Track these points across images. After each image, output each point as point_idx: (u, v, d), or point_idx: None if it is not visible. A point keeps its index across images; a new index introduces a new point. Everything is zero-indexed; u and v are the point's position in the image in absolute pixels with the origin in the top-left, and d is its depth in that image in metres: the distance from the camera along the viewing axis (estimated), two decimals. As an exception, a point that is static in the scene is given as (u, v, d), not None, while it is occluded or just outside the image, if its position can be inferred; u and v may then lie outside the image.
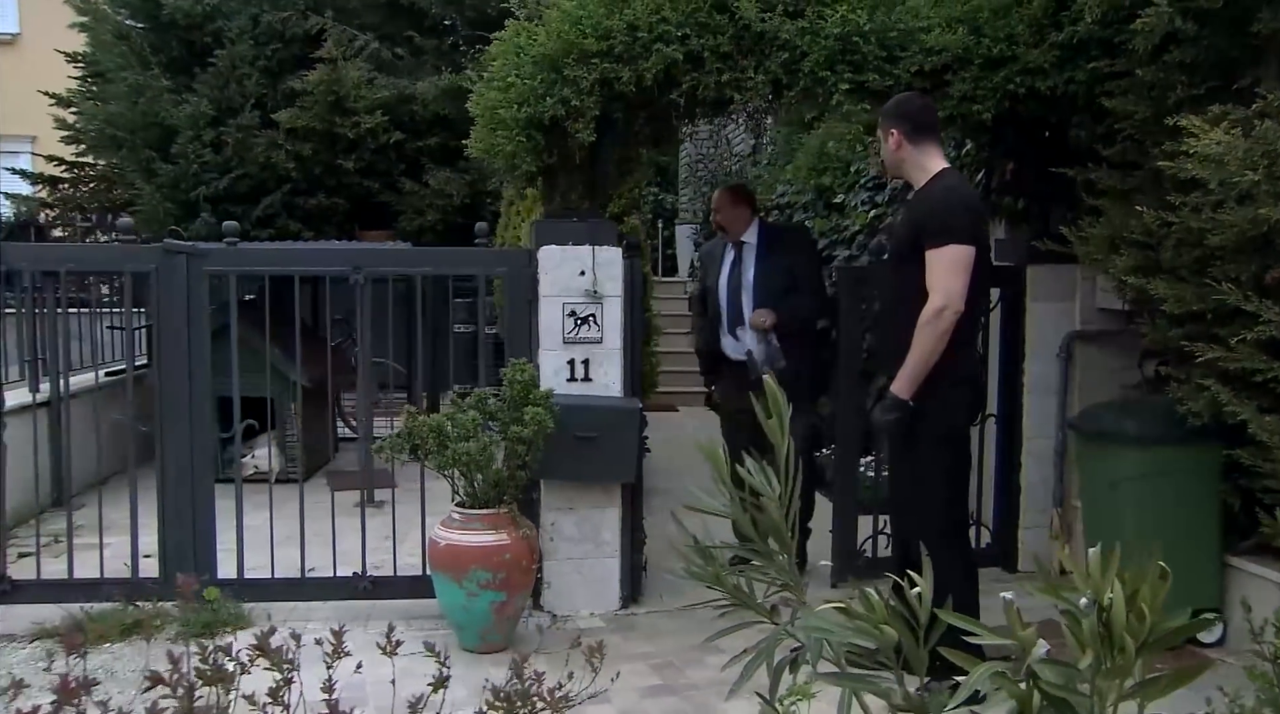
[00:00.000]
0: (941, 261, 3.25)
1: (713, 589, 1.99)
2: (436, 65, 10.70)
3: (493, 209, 10.28)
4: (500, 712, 1.97)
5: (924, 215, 3.36)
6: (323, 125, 10.03)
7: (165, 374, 4.15)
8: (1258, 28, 3.39)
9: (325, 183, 10.27)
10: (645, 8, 3.92)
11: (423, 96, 9.97)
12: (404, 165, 10.30)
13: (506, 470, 3.88)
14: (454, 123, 10.24)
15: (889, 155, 3.52)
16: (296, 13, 10.31)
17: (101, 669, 3.79)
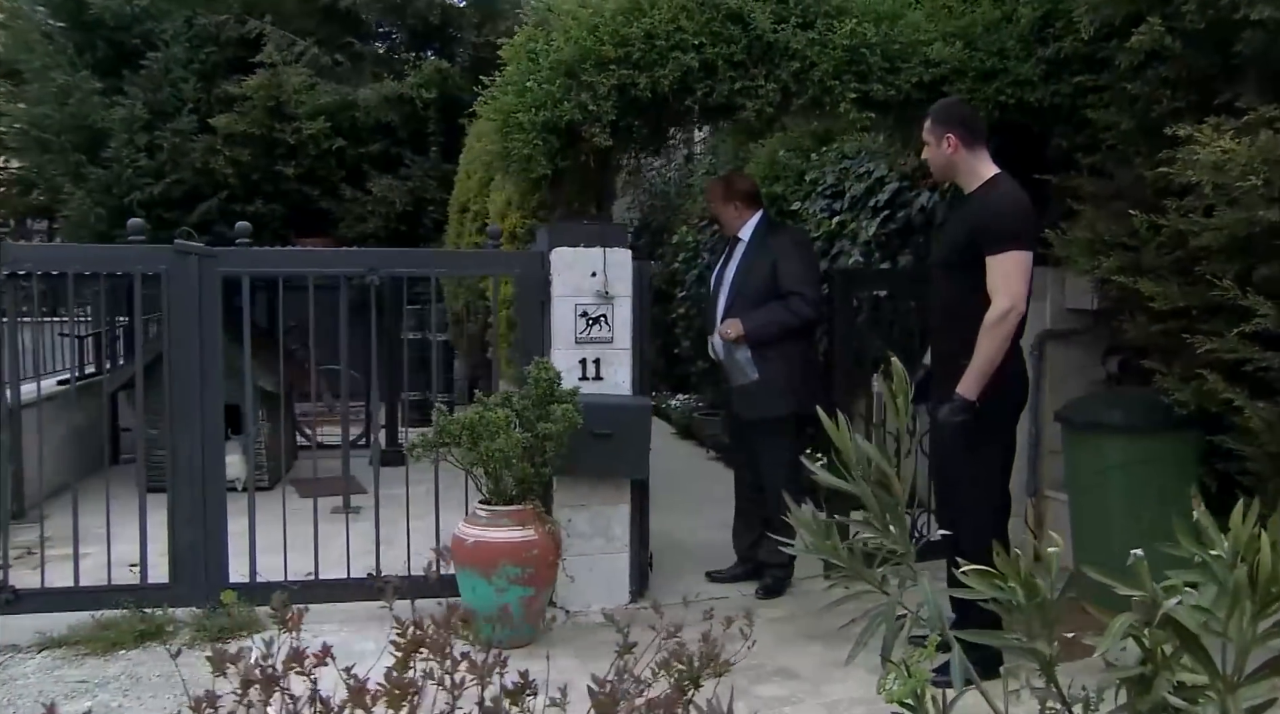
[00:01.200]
0: (1004, 266, 3.41)
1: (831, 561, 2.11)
2: (376, 72, 10.64)
3: (434, 216, 10.29)
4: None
5: (985, 221, 3.49)
6: (262, 131, 9.89)
7: (176, 377, 4.11)
8: (1240, 47, 3.68)
9: (264, 189, 10.12)
10: (663, 17, 4.05)
11: (365, 103, 9.90)
12: (345, 172, 10.21)
13: (532, 467, 3.95)
14: (396, 129, 10.24)
15: (942, 158, 3.62)
16: (233, 16, 10.13)
17: (125, 676, 3.74)
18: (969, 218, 3.59)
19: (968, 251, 3.52)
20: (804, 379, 4.56)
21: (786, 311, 4.49)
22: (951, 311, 3.62)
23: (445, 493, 4.44)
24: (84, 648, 3.96)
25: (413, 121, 10.19)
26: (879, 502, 2.11)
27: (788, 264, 4.51)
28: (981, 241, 3.46)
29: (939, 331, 3.72)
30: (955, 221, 3.76)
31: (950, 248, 3.68)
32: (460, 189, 8.69)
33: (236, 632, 4.09)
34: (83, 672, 3.79)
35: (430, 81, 10.00)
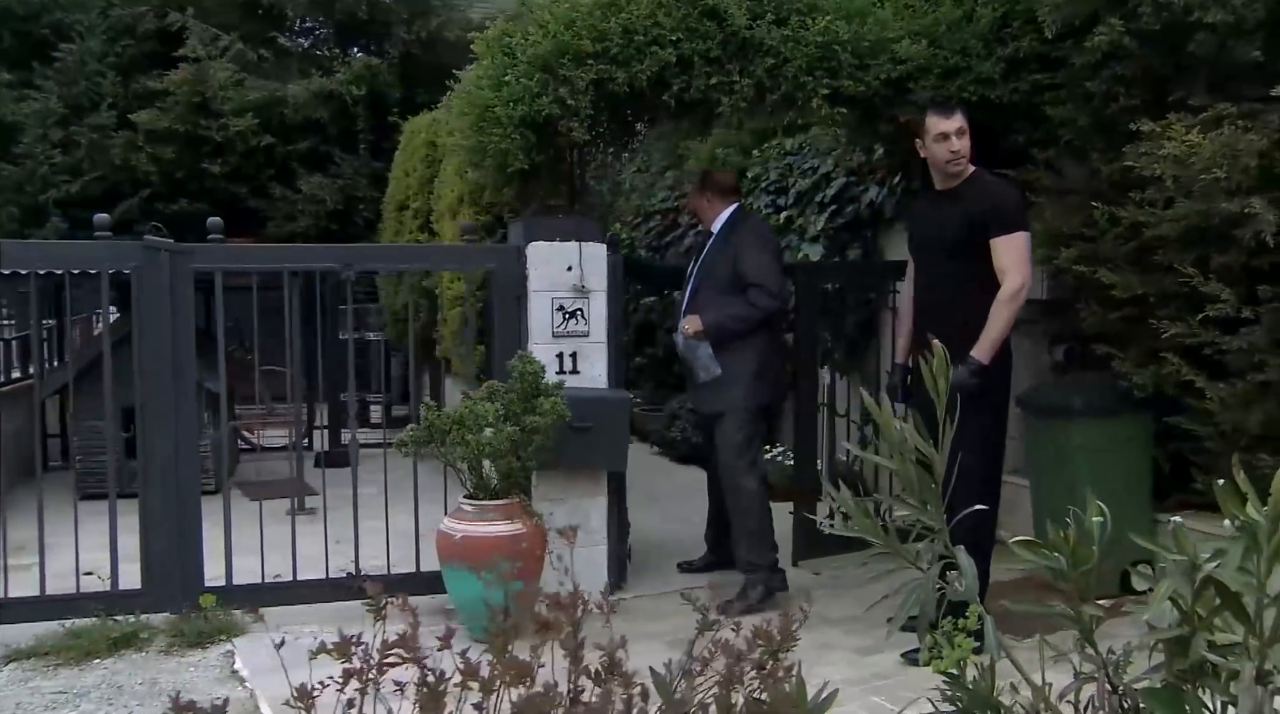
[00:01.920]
0: (1015, 247, 3.67)
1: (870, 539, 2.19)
2: (303, 69, 10.44)
3: (365, 214, 10.14)
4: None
5: (991, 207, 3.72)
6: (186, 127, 9.62)
7: (148, 377, 4.00)
8: (1192, 48, 3.89)
9: (188, 187, 9.84)
10: (641, 12, 4.09)
11: (294, 100, 9.70)
12: (273, 170, 9.99)
13: (518, 461, 3.95)
14: (325, 127, 10.06)
15: (969, 147, 3.81)
16: (152, 9, 9.83)
17: (105, 684, 3.64)
18: (968, 206, 3.76)
19: (970, 238, 3.72)
20: (762, 372, 4.46)
21: (745, 305, 4.41)
22: (951, 296, 3.80)
23: (395, 490, 4.42)
24: (55, 658, 3.83)
25: (342, 119, 10.02)
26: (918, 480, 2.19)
27: (748, 256, 4.44)
28: (989, 226, 3.68)
29: (935, 315, 3.79)
30: (947, 211, 3.86)
31: (949, 235, 3.82)
32: (397, 187, 8.59)
33: (215, 635, 4.01)
34: (58, 682, 3.67)
35: (360, 78, 9.85)
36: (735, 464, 4.44)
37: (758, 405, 4.45)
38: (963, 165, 3.80)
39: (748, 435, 4.43)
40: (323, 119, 9.90)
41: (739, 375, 4.40)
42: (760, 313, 4.42)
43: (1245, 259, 3.73)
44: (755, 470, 4.48)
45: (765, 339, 4.49)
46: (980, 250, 3.73)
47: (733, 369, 4.40)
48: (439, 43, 10.23)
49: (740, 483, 4.42)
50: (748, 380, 4.40)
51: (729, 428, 4.45)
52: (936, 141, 3.77)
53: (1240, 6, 3.71)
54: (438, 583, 4.38)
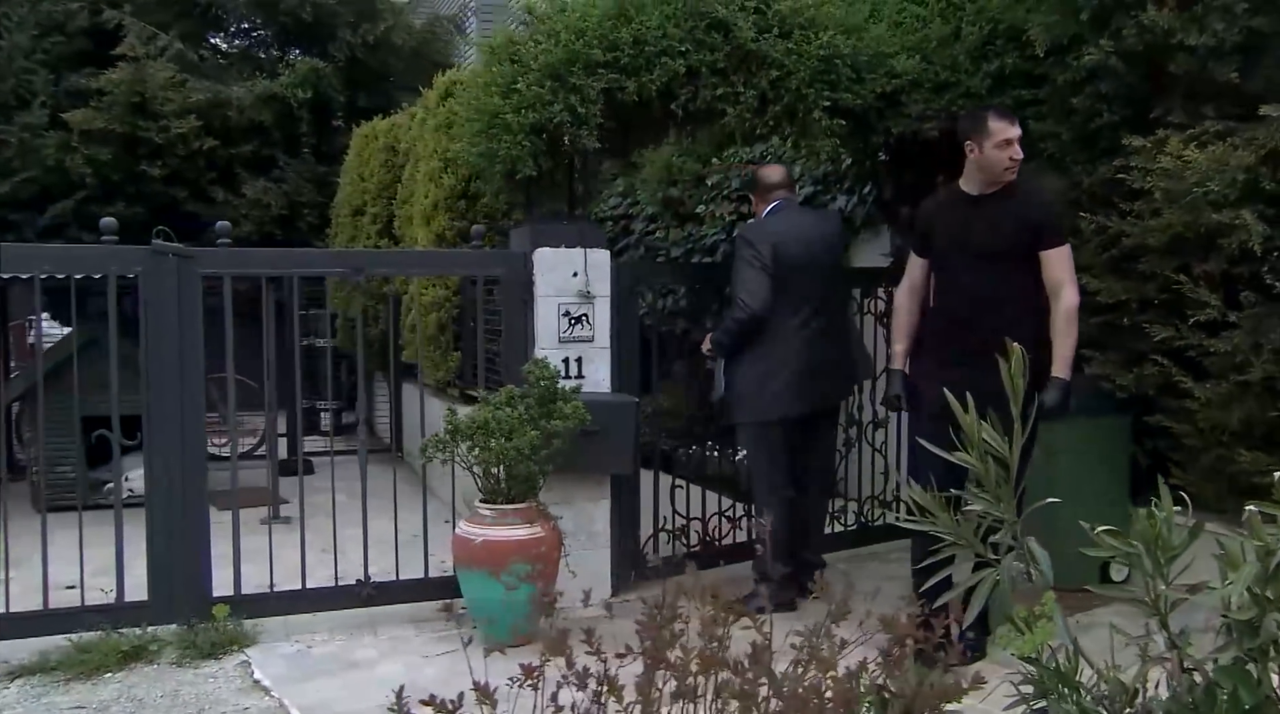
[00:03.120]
0: (1066, 257, 3.70)
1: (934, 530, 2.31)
2: (243, 71, 10.24)
3: (309, 219, 9.98)
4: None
5: (1044, 215, 3.73)
6: (124, 128, 9.32)
7: (154, 384, 3.92)
8: (1173, 68, 4.13)
9: (125, 190, 9.54)
10: (651, 23, 4.17)
11: (239, 102, 9.50)
12: (215, 174, 9.75)
13: (536, 465, 3.98)
14: (269, 130, 9.87)
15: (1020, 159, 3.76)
16: (85, 4, 9.52)
17: (125, 698, 3.57)
18: (1020, 211, 3.73)
19: (1023, 244, 3.69)
20: (762, 384, 4.36)
21: (726, 319, 4.42)
22: (998, 301, 3.70)
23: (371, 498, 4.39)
24: (63, 673, 3.73)
25: (286, 122, 9.84)
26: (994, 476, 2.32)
27: (734, 265, 4.41)
28: (1044, 234, 3.68)
29: (979, 321, 3.71)
30: (995, 215, 3.77)
31: (996, 240, 3.75)
32: (352, 191, 8.50)
33: (227, 646, 3.96)
34: (73, 698, 3.57)
35: (305, 81, 9.69)
36: (753, 476, 4.51)
37: (761, 421, 4.37)
38: (1015, 174, 3.77)
39: (759, 450, 4.42)
40: (266, 122, 9.71)
41: (739, 390, 4.41)
42: (732, 324, 4.35)
43: (1226, 267, 3.98)
44: (769, 485, 4.43)
45: (769, 347, 4.33)
46: (1025, 256, 3.71)
47: (734, 385, 4.41)
48: (385, 47, 10.14)
49: (756, 495, 4.49)
50: (749, 395, 4.38)
51: (742, 442, 4.56)
52: (998, 148, 3.69)
53: (1219, 30, 3.95)
54: (445, 589, 4.38)
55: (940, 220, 3.98)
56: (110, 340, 3.92)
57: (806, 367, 4.36)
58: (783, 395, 4.36)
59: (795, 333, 4.35)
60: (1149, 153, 3.94)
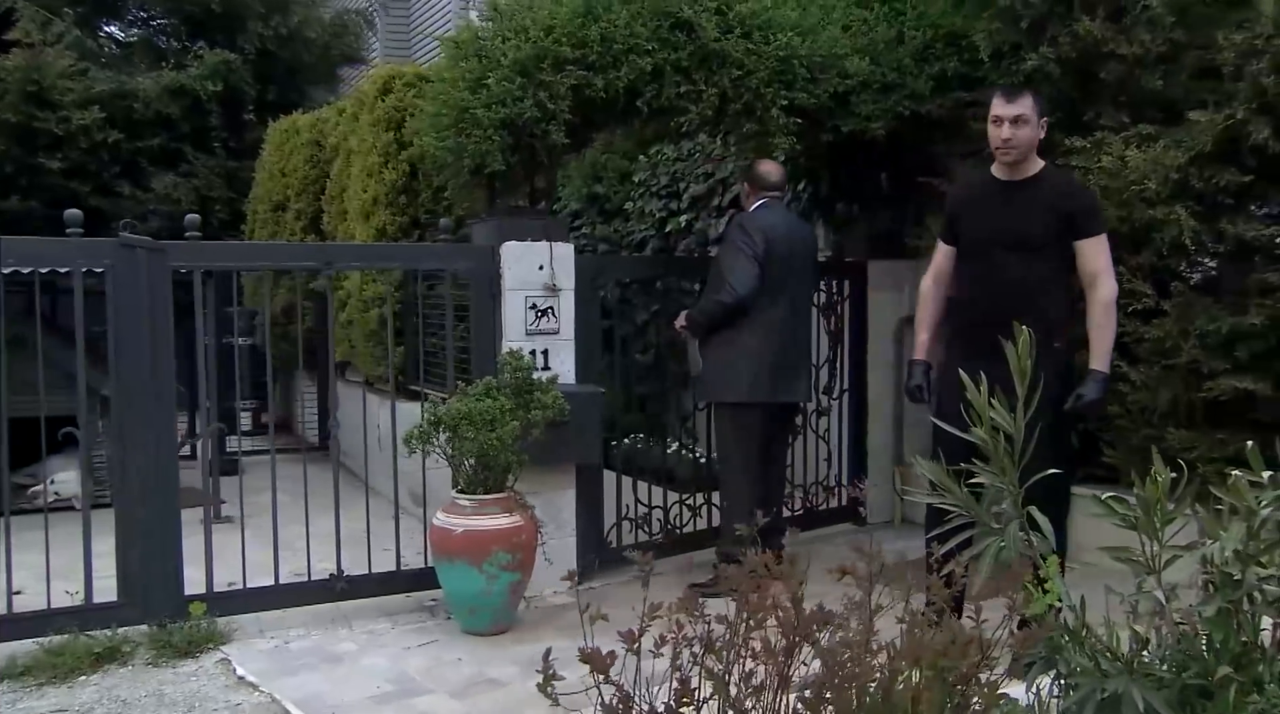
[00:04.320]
0: (1104, 248, 3.59)
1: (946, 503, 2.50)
2: (145, 61, 9.91)
3: (220, 216, 9.73)
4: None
5: (1082, 204, 3.62)
6: (18, 118, 8.92)
7: (123, 383, 3.83)
8: (1104, 75, 4.43)
9: (19, 183, 9.14)
10: (619, 22, 4.26)
11: (144, 94, 9.20)
12: (119, 167, 9.42)
13: (514, 455, 4.04)
14: (176, 123, 9.59)
15: (1034, 139, 3.64)
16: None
17: (107, 699, 3.49)
18: (1052, 200, 3.61)
19: (1057, 234, 3.60)
20: (736, 367, 4.47)
21: (708, 300, 4.50)
22: (1030, 291, 3.61)
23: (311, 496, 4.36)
24: (34, 677, 3.61)
25: (195, 116, 9.58)
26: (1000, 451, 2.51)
27: (724, 250, 4.52)
28: (1079, 225, 3.58)
29: (1003, 308, 3.51)
30: (1024, 203, 3.67)
31: (1027, 228, 3.64)
32: (272, 187, 8.34)
33: (203, 644, 3.90)
34: (50, 702, 3.48)
35: (215, 74, 9.44)
36: (721, 457, 4.65)
37: (734, 402, 4.49)
38: (1013, 155, 3.62)
39: (731, 431, 4.54)
40: (174, 115, 9.43)
41: (714, 371, 4.52)
42: (715, 306, 4.44)
43: (1156, 260, 4.30)
44: (737, 467, 4.55)
45: (745, 334, 4.44)
46: (1056, 246, 3.62)
47: (710, 365, 4.53)
48: (298, 40, 9.95)
49: (724, 476, 4.62)
50: (722, 376, 4.50)
51: (715, 422, 4.71)
52: (991, 123, 3.63)
53: (1146, 41, 4.28)
54: (418, 581, 4.41)
55: (969, 208, 3.83)
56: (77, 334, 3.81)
57: (785, 359, 4.52)
58: (764, 382, 4.48)
59: (774, 324, 4.47)
60: (1089, 153, 4.23)
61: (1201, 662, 2.30)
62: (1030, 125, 3.62)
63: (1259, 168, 4.02)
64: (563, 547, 4.62)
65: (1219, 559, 2.33)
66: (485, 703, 3.48)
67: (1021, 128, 3.60)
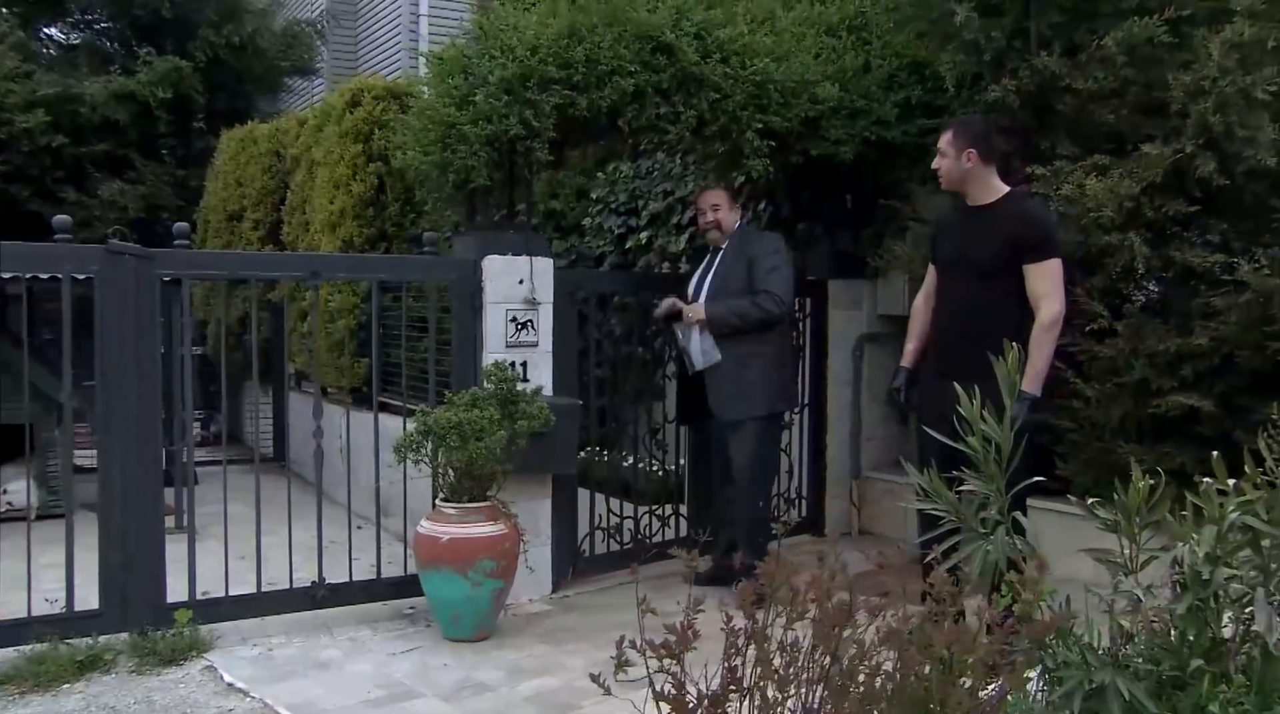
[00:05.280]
0: (1050, 273, 3.67)
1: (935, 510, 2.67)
2: (90, 64, 9.77)
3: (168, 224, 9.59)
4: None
5: (1023, 231, 3.71)
6: (-43, 120, 8.75)
7: (108, 389, 3.83)
8: (1060, 107, 4.68)
9: (-49, 186, 8.95)
10: (604, 43, 4.39)
11: (91, 98, 9.07)
12: (63, 173, 9.26)
13: (499, 464, 4.12)
14: (124, 129, 9.47)
15: (957, 170, 3.81)
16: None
17: (94, 707, 3.49)
18: (1003, 228, 3.76)
19: (1004, 259, 3.71)
20: (779, 380, 4.80)
21: (750, 303, 4.59)
22: (980, 315, 3.76)
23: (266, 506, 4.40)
24: (15, 686, 3.58)
25: (142, 122, 9.46)
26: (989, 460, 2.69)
27: (766, 262, 4.62)
28: (1025, 249, 3.68)
29: (959, 330, 3.85)
30: (981, 229, 3.84)
31: (980, 253, 3.80)
32: (228, 196, 8.29)
33: (186, 652, 3.89)
34: (35, 709, 3.45)
35: (165, 80, 9.35)
36: (742, 467, 4.68)
37: (772, 412, 4.72)
38: (943, 184, 3.93)
39: (759, 443, 4.68)
40: (121, 121, 9.31)
41: (750, 384, 4.62)
42: (762, 313, 4.58)
43: (1108, 282, 4.54)
44: (760, 476, 4.76)
45: (777, 347, 4.76)
46: (1010, 270, 3.73)
47: (749, 377, 4.62)
48: (250, 49, 9.90)
49: (745, 486, 4.68)
50: (760, 388, 4.63)
51: (738, 434, 4.67)
52: None
53: (1100, 77, 4.53)
54: (398, 589, 4.45)
55: (941, 231, 4.07)
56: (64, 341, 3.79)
57: (793, 369, 4.95)
58: (790, 390, 4.98)
59: (787, 335, 4.98)
60: (1049, 181, 4.46)
61: (1175, 655, 2.49)
62: (948, 158, 3.84)
63: (1204, 198, 4.29)
64: (538, 555, 4.70)
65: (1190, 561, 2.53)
66: (477, 706, 3.55)
67: (941, 159, 3.87)
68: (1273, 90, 3.98)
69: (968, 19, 4.55)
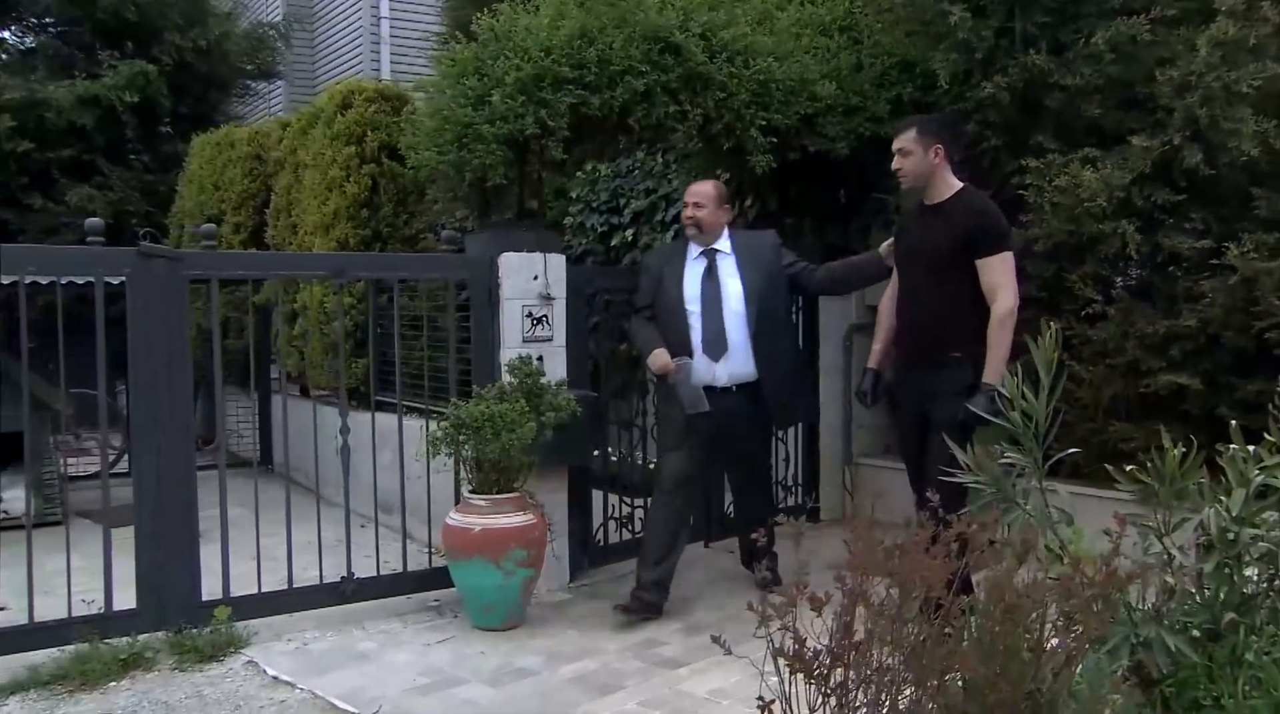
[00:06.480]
0: (1005, 265, 3.78)
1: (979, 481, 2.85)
2: (50, 68, 9.64)
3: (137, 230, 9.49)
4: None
5: (979, 225, 3.81)
6: (-81, 126, 8.60)
7: (139, 390, 3.85)
8: (1048, 103, 4.90)
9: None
10: (616, 44, 4.51)
11: (57, 103, 8.95)
12: (28, 178, 9.13)
13: (526, 456, 4.21)
14: (90, 134, 9.36)
15: (925, 167, 3.90)
16: None
17: (148, 703, 3.52)
18: (956, 223, 3.86)
19: (959, 255, 3.82)
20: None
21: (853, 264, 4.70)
22: (938, 311, 3.91)
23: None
24: (62, 685, 3.61)
25: (108, 126, 9.36)
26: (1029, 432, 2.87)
27: (787, 258, 4.63)
28: (976, 244, 3.80)
29: (917, 327, 4.01)
30: (934, 227, 3.95)
31: (932, 250, 3.91)
32: (205, 200, 8.25)
33: (224, 648, 3.94)
34: (86, 707, 3.48)
35: (131, 84, 9.26)
36: (760, 460, 5.00)
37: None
38: (905, 183, 4.01)
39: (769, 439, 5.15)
40: (87, 126, 9.20)
41: (801, 393, 4.97)
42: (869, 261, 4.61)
43: (1097, 269, 4.77)
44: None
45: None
46: (963, 267, 3.82)
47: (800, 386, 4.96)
48: (216, 53, 9.83)
49: (762, 476, 5.06)
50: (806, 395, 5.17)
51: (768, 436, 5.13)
52: None
53: (1087, 74, 4.75)
54: (425, 581, 4.53)
55: (900, 230, 4.22)
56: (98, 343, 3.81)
57: None
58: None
59: None
60: (1041, 172, 4.67)
61: (1208, 610, 2.68)
62: (913, 156, 3.92)
63: (1189, 188, 4.53)
64: (559, 545, 4.79)
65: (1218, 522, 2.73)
66: (522, 690, 3.65)
67: (905, 158, 3.94)
68: (1255, 85, 4.22)
69: (962, 19, 4.74)
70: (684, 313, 4.44)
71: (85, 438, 7.43)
